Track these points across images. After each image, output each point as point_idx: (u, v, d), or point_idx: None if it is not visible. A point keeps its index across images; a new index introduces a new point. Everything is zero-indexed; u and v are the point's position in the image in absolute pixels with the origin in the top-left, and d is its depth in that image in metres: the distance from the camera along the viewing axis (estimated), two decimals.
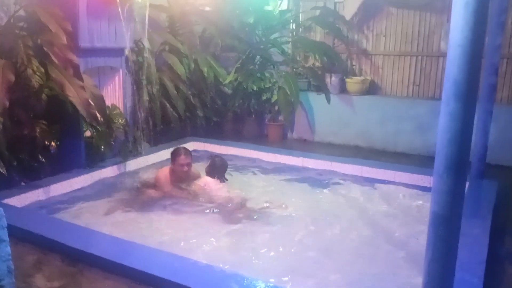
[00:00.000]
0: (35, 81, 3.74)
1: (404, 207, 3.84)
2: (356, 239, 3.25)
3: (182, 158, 3.87)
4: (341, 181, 4.45)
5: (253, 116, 6.52)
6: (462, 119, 1.47)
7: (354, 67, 6.30)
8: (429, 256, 1.68)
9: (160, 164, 4.93)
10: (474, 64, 1.42)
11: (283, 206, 3.74)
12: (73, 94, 3.68)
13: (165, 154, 5.17)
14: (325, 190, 4.23)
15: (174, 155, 3.94)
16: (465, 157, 1.56)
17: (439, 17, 5.69)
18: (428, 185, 4.14)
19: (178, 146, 4.21)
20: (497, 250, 2.94)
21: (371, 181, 4.40)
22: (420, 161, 5.24)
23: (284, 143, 6.25)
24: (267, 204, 3.76)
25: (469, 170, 4.03)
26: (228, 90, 6.36)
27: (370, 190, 4.21)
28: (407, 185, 4.27)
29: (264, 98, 6.30)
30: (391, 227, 3.44)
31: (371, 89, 6.18)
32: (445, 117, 1.50)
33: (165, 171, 4.00)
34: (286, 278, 2.67)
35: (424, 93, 5.92)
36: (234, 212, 3.59)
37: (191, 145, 5.62)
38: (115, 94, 4.82)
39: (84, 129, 4.31)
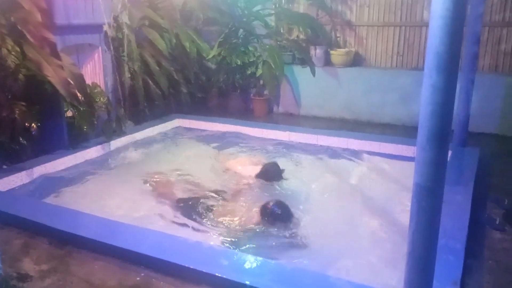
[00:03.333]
0: (11, 60, 3.63)
1: (389, 177, 3.90)
2: (343, 211, 3.30)
3: None
4: (327, 154, 4.47)
5: (238, 91, 6.46)
6: (444, 92, 1.47)
7: (338, 38, 6.25)
8: (413, 226, 1.72)
9: (145, 141, 4.90)
10: (456, 35, 1.41)
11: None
12: (51, 73, 3.59)
13: (149, 132, 5.14)
14: (311, 164, 4.25)
15: None
16: (448, 129, 1.57)
17: None
18: (412, 155, 4.20)
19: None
20: (479, 216, 3.02)
21: (357, 153, 4.44)
22: (405, 131, 5.30)
23: (270, 118, 6.24)
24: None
25: (452, 138, 4.09)
26: (211, 65, 6.27)
27: (356, 162, 4.26)
28: (392, 156, 4.33)
29: (248, 72, 6.23)
30: (377, 198, 3.50)
31: (356, 60, 6.15)
32: (427, 89, 1.50)
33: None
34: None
35: (408, 64, 5.92)
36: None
37: (176, 122, 5.58)
38: (95, 72, 4.72)
39: (65, 109, 4.23)
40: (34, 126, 3.79)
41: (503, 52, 5.36)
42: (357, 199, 3.47)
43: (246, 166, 3.99)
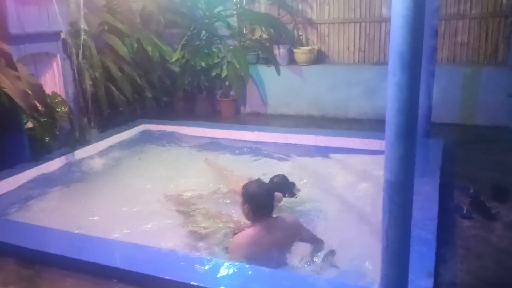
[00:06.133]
0: None
1: (357, 171, 3.96)
2: (316, 208, 3.33)
3: None
4: (297, 152, 4.50)
5: (204, 93, 6.40)
6: (408, 89, 1.50)
7: (301, 37, 6.30)
8: (386, 222, 1.74)
9: (110, 150, 4.77)
10: (417, 34, 1.44)
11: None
12: (7, 85, 3.45)
13: (115, 139, 5.00)
14: (282, 163, 4.27)
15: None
16: (414, 124, 1.60)
17: None
18: (379, 149, 4.28)
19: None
20: (447, 205, 3.11)
21: (325, 150, 4.49)
22: (370, 125, 5.41)
23: (237, 118, 6.22)
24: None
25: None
26: (175, 68, 6.16)
27: (325, 158, 4.31)
28: (359, 150, 4.40)
29: (213, 74, 6.17)
30: (348, 194, 3.54)
31: (319, 58, 6.22)
32: (392, 87, 1.53)
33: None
34: None
35: (370, 59, 6.04)
36: None
37: (141, 128, 5.47)
38: (55, 81, 4.55)
39: (25, 121, 4.07)
40: None
41: (459, 44, 5.56)
42: (327, 195, 3.51)
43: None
